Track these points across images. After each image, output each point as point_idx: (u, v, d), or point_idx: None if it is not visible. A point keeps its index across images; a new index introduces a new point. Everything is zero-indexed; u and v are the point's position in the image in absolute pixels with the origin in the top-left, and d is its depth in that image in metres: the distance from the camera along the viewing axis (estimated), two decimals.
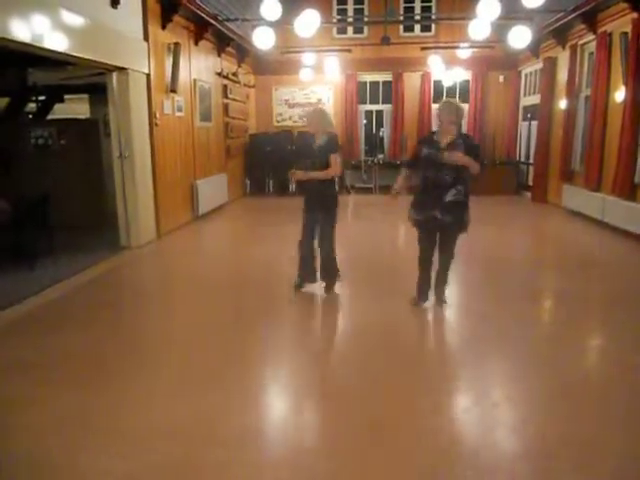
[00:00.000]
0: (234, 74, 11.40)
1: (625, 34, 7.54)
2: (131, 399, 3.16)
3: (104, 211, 8.29)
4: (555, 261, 6.81)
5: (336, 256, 5.07)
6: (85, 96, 10.53)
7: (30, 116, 10.16)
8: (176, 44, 8.11)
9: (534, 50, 11.07)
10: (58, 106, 10.33)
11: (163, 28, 7.81)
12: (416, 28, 12.95)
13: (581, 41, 9.29)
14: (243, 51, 11.59)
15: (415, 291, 4.77)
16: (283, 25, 8.94)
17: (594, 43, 8.70)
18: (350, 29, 13.09)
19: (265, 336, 4.19)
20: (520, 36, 8.08)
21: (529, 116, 12.17)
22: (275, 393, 3.45)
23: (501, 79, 12.83)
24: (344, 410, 3.04)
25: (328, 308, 5.09)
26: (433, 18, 12.70)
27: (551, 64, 10.56)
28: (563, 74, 9.95)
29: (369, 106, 13.68)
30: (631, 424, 2.85)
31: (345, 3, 12.92)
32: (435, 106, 13.09)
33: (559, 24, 9.27)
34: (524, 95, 12.55)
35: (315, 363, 3.72)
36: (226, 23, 9.51)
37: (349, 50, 12.65)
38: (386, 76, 13.25)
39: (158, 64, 7.70)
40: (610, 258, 6.67)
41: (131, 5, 6.89)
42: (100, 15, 6.18)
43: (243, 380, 3.39)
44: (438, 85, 13.13)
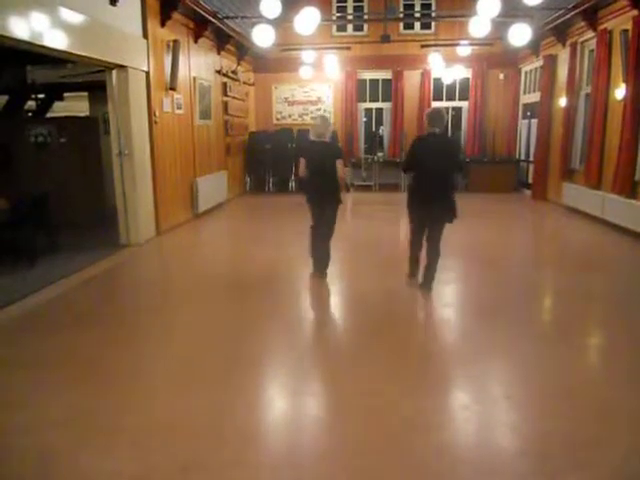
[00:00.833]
0: (234, 72, 11.39)
1: (625, 31, 7.53)
2: (133, 398, 3.15)
3: (104, 209, 8.30)
4: (555, 259, 6.81)
5: None
6: (84, 94, 10.52)
7: (30, 114, 10.16)
8: (175, 42, 8.09)
9: (534, 48, 11.06)
10: (57, 104, 10.33)
11: (162, 26, 7.79)
12: (416, 26, 12.94)
13: (581, 39, 9.28)
14: (243, 49, 11.57)
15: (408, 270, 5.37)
16: (283, 23, 8.92)
17: (594, 41, 8.69)
18: (350, 27, 13.07)
19: (266, 334, 4.19)
20: (520, 34, 8.07)
21: (529, 114, 12.17)
22: (277, 392, 3.44)
23: (501, 77, 12.82)
24: (346, 410, 3.04)
25: (332, 301, 5.10)
26: (433, 16, 12.68)
27: (551, 62, 10.54)
28: (563, 72, 9.94)
29: (369, 104, 13.66)
30: (632, 423, 2.84)
31: (345, 1, 12.90)
32: (435, 104, 13.12)
33: (559, 21, 9.26)
34: (524, 93, 12.54)
35: (318, 361, 3.72)
36: (226, 21, 9.49)
37: (349, 48, 12.64)
38: (386, 74, 13.23)
39: (157, 62, 7.68)
40: (610, 256, 6.67)
41: (130, 2, 6.87)
42: (99, 13, 6.17)
43: (246, 378, 3.39)
44: (438, 83, 13.11)
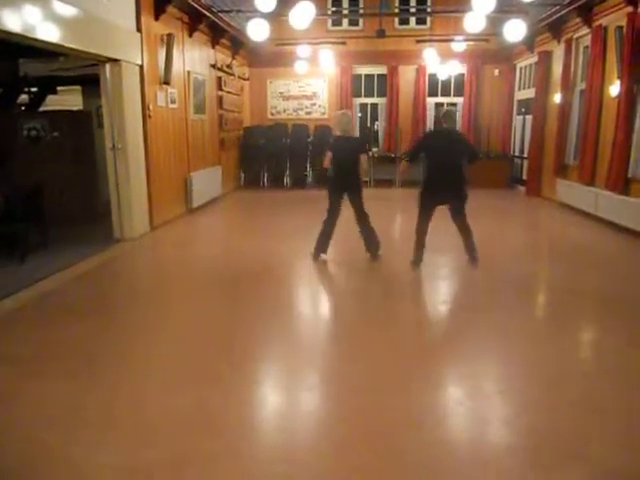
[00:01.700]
0: (228, 66, 11.34)
1: (620, 28, 7.53)
2: (125, 392, 3.14)
3: (97, 203, 8.26)
4: (548, 255, 6.83)
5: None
6: (78, 88, 10.45)
7: (22, 108, 10.08)
8: (169, 35, 8.04)
9: (529, 44, 11.06)
10: (51, 98, 10.25)
11: (156, 19, 7.74)
12: (411, 21, 12.91)
13: (576, 35, 9.29)
14: (237, 43, 11.52)
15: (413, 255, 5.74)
16: (278, 17, 8.89)
17: (589, 37, 8.70)
18: (345, 21, 13.03)
19: (262, 329, 4.19)
20: (515, 30, 8.06)
21: (524, 110, 12.18)
22: (271, 386, 3.44)
23: (496, 73, 12.83)
24: (341, 406, 3.05)
25: (329, 294, 5.11)
26: (428, 11, 12.66)
27: (546, 58, 10.55)
28: (558, 68, 9.95)
29: (364, 99, 13.64)
30: (625, 416, 2.86)
31: None
32: (430, 100, 13.12)
33: (554, 18, 9.27)
34: (519, 89, 12.54)
35: (313, 356, 3.72)
36: (220, 14, 9.45)
37: (344, 43, 12.61)
38: (381, 69, 13.21)
39: (151, 56, 7.63)
40: (603, 252, 6.70)
41: None
42: (92, 5, 6.12)
43: (238, 372, 3.38)
44: (433, 78, 13.11)
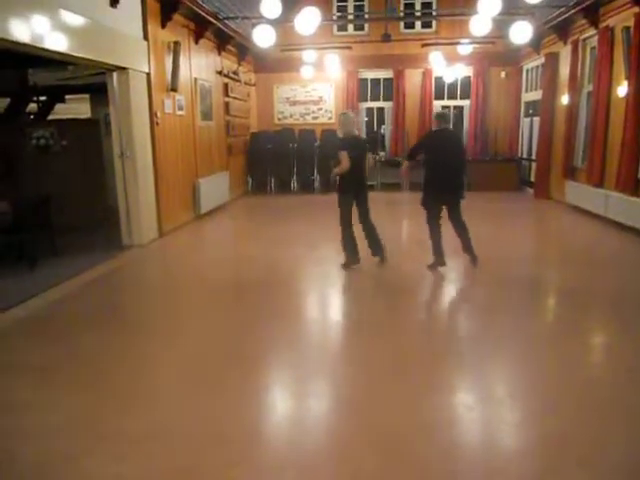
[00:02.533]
0: (235, 72, 11.38)
1: (627, 29, 7.49)
2: (136, 401, 3.14)
3: (106, 211, 8.29)
4: (558, 257, 6.78)
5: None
6: (86, 96, 10.53)
7: (31, 117, 10.17)
8: (176, 43, 8.09)
9: (535, 46, 11.03)
10: (59, 106, 10.34)
11: (163, 27, 7.79)
12: (417, 25, 12.91)
13: (583, 36, 9.24)
14: (243, 49, 11.57)
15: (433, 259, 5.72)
16: (283, 23, 8.90)
17: (596, 38, 8.66)
18: (350, 26, 13.04)
19: (270, 335, 4.18)
20: (521, 31, 8.05)
21: (531, 112, 12.13)
22: (280, 393, 3.44)
23: (502, 75, 12.79)
24: (350, 411, 3.03)
25: (337, 299, 5.10)
26: (434, 14, 12.66)
27: (553, 59, 10.51)
28: (565, 69, 9.91)
29: (370, 103, 13.65)
30: (635, 421, 2.83)
31: (345, 0, 12.88)
32: (437, 103, 13.10)
33: (560, 19, 9.23)
34: (526, 91, 12.50)
35: (321, 361, 3.71)
36: (226, 21, 9.49)
37: (350, 47, 12.63)
38: (387, 73, 13.21)
39: (158, 63, 7.68)
40: (613, 254, 6.64)
41: (130, 4, 6.87)
42: (99, 15, 6.17)
43: (248, 380, 3.38)
44: (439, 82, 13.09)
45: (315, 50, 12.05)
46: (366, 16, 12.76)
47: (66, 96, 10.27)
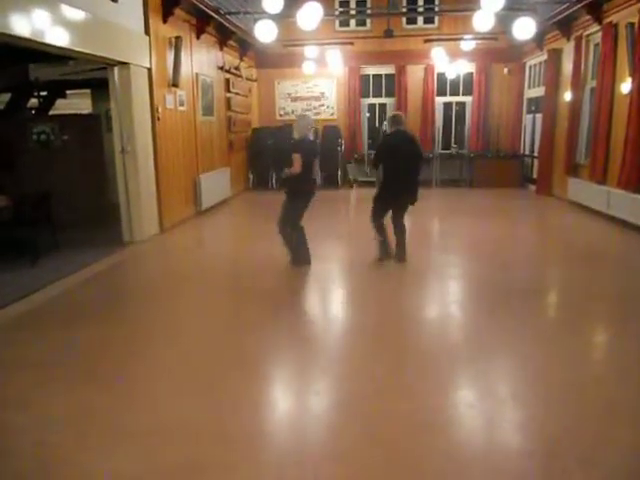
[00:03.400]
0: (236, 68, 11.35)
1: (631, 25, 7.44)
2: (136, 397, 3.13)
3: (107, 206, 8.28)
4: (561, 254, 6.76)
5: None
6: (87, 91, 10.51)
7: (32, 112, 10.15)
8: (177, 38, 8.06)
9: (538, 42, 10.97)
10: (60, 102, 10.32)
11: (164, 22, 7.76)
12: (419, 20, 12.84)
13: (586, 32, 9.19)
14: (245, 45, 11.53)
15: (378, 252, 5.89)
16: (285, 18, 8.86)
17: (599, 34, 8.60)
18: (353, 22, 12.99)
19: (271, 333, 4.17)
20: (524, 27, 7.99)
21: (534, 108, 12.08)
22: (281, 391, 3.43)
23: (505, 71, 12.73)
24: (351, 410, 3.02)
25: (336, 298, 5.09)
26: (436, 10, 12.58)
27: (556, 56, 10.45)
28: (568, 66, 9.86)
29: (372, 99, 13.59)
30: (637, 421, 2.82)
31: None
32: (439, 99, 13.07)
33: (564, 15, 9.18)
34: (528, 87, 12.45)
35: (321, 360, 3.70)
36: (228, 16, 9.45)
37: (352, 43, 12.58)
38: (389, 69, 13.15)
39: (160, 58, 7.65)
40: (616, 251, 6.62)
41: None
42: (101, 9, 6.14)
43: (250, 377, 3.37)
44: (442, 78, 13.03)
45: (317, 46, 12.00)
46: (368, 11, 12.70)
47: (67, 91, 10.25)
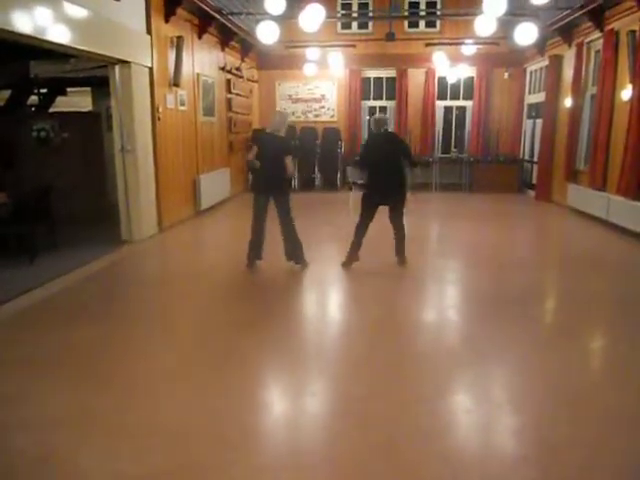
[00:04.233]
0: (237, 69, 11.35)
1: (632, 32, 7.46)
2: (134, 397, 3.12)
3: (106, 205, 8.27)
4: (559, 261, 6.76)
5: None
6: (88, 89, 10.49)
7: (32, 109, 10.13)
8: (179, 38, 8.06)
9: (540, 47, 10.99)
10: (60, 99, 10.30)
11: (166, 21, 7.75)
12: (421, 24, 12.86)
13: (587, 39, 9.21)
14: (247, 45, 11.53)
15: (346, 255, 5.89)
16: (287, 19, 8.86)
17: (601, 41, 8.62)
18: (354, 24, 13.00)
19: (269, 333, 4.16)
20: (526, 33, 7.99)
21: (534, 114, 12.10)
22: (278, 393, 3.42)
23: (506, 76, 12.74)
24: (348, 413, 3.01)
25: (334, 298, 5.08)
26: (438, 14, 12.61)
27: (557, 62, 10.47)
28: (569, 72, 9.87)
29: (373, 102, 13.60)
30: (635, 426, 2.81)
31: None
32: (439, 103, 13.08)
33: (565, 21, 9.20)
34: (529, 93, 12.46)
35: (318, 362, 3.69)
36: (230, 17, 9.45)
37: (353, 45, 12.59)
38: (390, 72, 13.16)
39: (161, 58, 7.65)
40: (615, 258, 6.63)
41: None
42: (103, 8, 6.13)
43: (247, 378, 3.36)
44: (442, 82, 13.05)
45: (318, 48, 12.00)
46: (370, 14, 12.71)
47: (68, 89, 10.22)
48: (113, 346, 3.86)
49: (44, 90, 10.00)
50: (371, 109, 13.62)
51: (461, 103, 13.28)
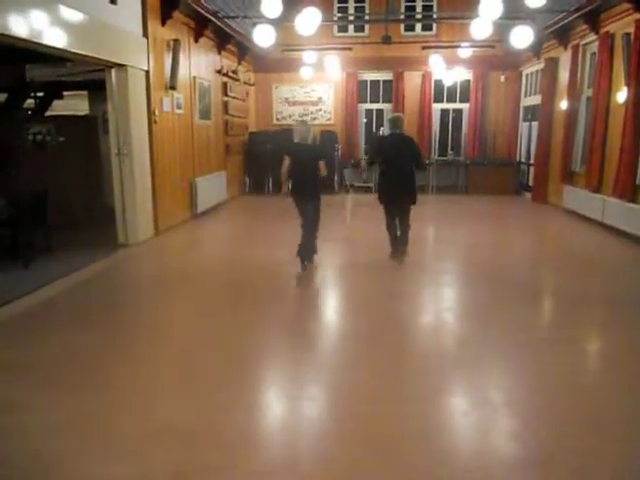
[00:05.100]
0: (234, 72, 11.35)
1: (628, 35, 7.50)
2: (130, 402, 3.10)
3: (102, 208, 8.25)
4: (555, 262, 6.76)
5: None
6: (84, 93, 10.47)
7: (29, 112, 10.11)
8: (176, 41, 8.06)
9: (535, 50, 11.03)
10: (57, 102, 10.28)
11: (163, 24, 7.75)
12: (417, 27, 12.90)
13: (583, 41, 9.25)
14: (243, 49, 11.54)
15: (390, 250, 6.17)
16: (284, 23, 8.86)
17: (596, 44, 8.67)
18: (351, 27, 13.04)
19: (266, 336, 4.15)
20: (522, 36, 8.03)
21: (530, 116, 12.14)
22: (276, 395, 3.41)
23: (502, 79, 12.79)
24: (345, 415, 3.01)
25: (331, 302, 5.08)
26: (434, 17, 12.65)
27: (552, 64, 10.51)
28: (564, 75, 9.91)
29: (369, 105, 13.63)
30: (630, 429, 2.81)
31: (346, 1, 12.86)
32: (436, 106, 13.11)
33: (561, 24, 9.24)
34: (525, 95, 12.51)
35: (316, 364, 3.68)
36: (226, 20, 9.46)
37: (350, 49, 12.61)
38: (387, 75, 13.20)
39: (157, 61, 7.64)
40: (610, 260, 6.64)
41: (130, 1, 6.84)
42: (99, 11, 6.13)
43: (244, 381, 3.35)
44: (439, 84, 13.09)
45: (315, 51, 12.02)
46: (367, 17, 12.74)
47: (64, 93, 10.21)
48: (110, 350, 3.84)
49: (40, 94, 9.99)
50: (368, 112, 13.65)
51: (457, 106, 13.32)
